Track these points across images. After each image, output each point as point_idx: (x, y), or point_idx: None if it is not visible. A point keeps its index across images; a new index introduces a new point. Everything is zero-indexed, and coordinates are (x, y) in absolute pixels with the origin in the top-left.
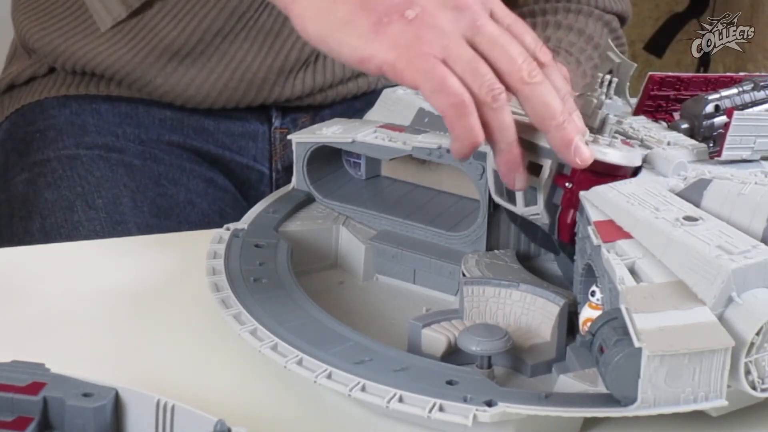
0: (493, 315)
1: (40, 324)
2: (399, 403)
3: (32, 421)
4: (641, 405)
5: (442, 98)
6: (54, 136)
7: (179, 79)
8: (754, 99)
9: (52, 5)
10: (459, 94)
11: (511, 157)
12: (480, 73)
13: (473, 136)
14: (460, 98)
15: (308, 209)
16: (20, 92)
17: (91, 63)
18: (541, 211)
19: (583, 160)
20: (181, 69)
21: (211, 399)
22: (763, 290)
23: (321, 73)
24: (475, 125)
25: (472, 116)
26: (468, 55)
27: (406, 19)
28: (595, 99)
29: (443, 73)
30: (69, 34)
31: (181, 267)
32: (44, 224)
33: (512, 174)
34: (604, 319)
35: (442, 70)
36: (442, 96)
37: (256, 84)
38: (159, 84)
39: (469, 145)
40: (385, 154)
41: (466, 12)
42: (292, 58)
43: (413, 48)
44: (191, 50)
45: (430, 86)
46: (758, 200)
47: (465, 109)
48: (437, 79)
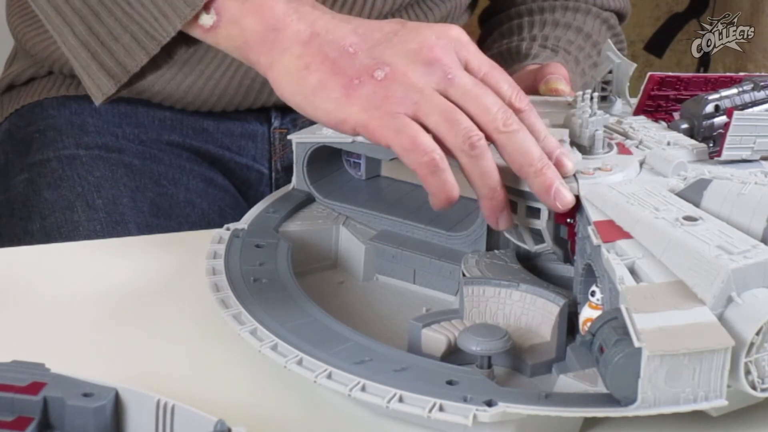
0: (493, 315)
1: (40, 324)
2: (399, 403)
3: (32, 421)
4: (641, 405)
5: (413, 156)
6: (54, 136)
7: (177, 86)
8: (754, 99)
9: None
10: (430, 152)
11: (495, 203)
12: (456, 121)
13: (447, 191)
14: (431, 156)
15: (308, 209)
16: (20, 92)
17: None
18: (551, 248)
19: (564, 205)
20: (180, 76)
21: (211, 399)
22: (763, 290)
23: None
24: (447, 181)
25: (445, 173)
26: (442, 105)
27: (376, 79)
28: (580, 119)
29: (414, 131)
30: None
31: (181, 267)
32: (44, 224)
33: (495, 216)
34: (604, 319)
35: (412, 129)
36: (413, 155)
37: (254, 89)
38: (157, 90)
39: (445, 200)
40: (385, 154)
41: (436, 66)
42: None
43: (384, 107)
44: (188, 56)
45: (401, 145)
46: (758, 200)
47: (436, 166)
48: (408, 138)
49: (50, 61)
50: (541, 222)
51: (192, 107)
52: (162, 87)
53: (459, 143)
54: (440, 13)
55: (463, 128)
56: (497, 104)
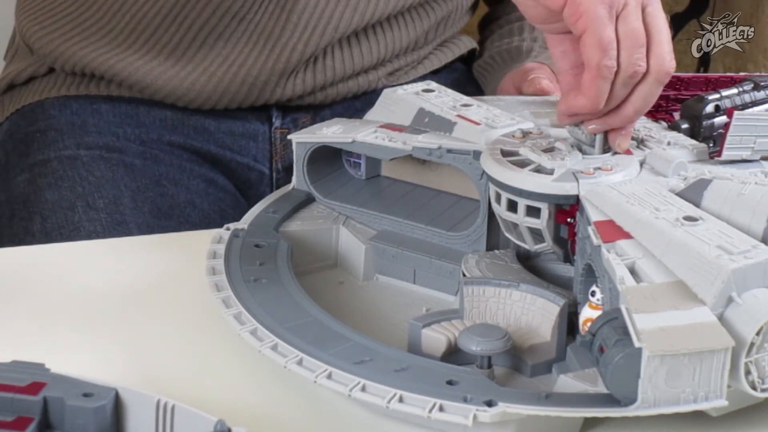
0: (493, 315)
1: (40, 324)
2: (399, 403)
3: (32, 421)
4: (641, 405)
5: (601, 55)
6: (54, 137)
7: (180, 83)
8: (754, 99)
9: (52, 6)
10: (615, 59)
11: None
12: (637, 45)
13: (600, 102)
14: (614, 63)
15: (308, 209)
16: (20, 92)
17: (91, 65)
18: (551, 247)
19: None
20: (183, 73)
21: (211, 399)
22: (763, 290)
23: (321, 71)
24: (606, 92)
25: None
26: (636, 23)
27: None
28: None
29: (612, 36)
30: (68, 35)
31: (181, 267)
32: (45, 225)
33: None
34: (604, 319)
35: (611, 32)
36: (603, 53)
37: (257, 86)
38: (160, 86)
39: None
40: (385, 154)
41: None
42: (293, 59)
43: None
44: (187, 48)
45: (599, 38)
46: (758, 200)
47: (611, 75)
48: (606, 39)
49: (54, 57)
50: (541, 222)
51: (194, 105)
52: (164, 83)
53: (626, 66)
54: (442, 13)
55: (637, 58)
56: (672, 54)
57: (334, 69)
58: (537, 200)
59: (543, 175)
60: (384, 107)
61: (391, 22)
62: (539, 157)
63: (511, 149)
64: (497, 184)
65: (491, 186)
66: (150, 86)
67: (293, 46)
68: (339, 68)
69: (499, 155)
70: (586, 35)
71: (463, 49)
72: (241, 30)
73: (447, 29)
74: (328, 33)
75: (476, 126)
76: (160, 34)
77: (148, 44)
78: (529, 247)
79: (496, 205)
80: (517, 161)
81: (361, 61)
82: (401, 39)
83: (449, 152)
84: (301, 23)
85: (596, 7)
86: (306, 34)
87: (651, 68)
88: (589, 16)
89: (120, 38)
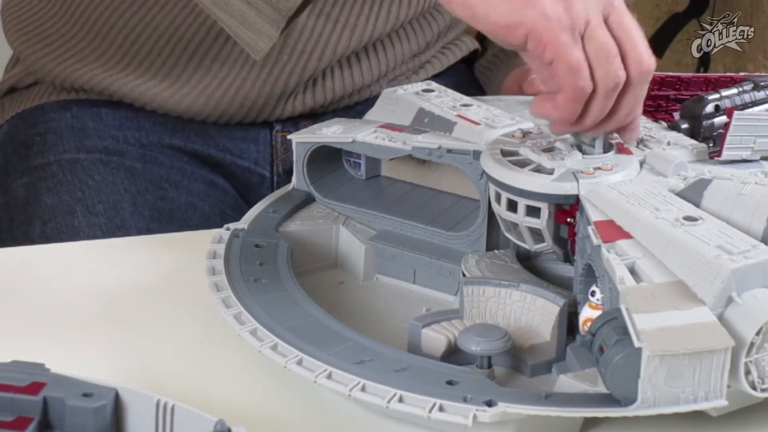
0: (493, 315)
1: (40, 324)
2: (399, 403)
3: (32, 421)
4: (641, 405)
5: (573, 78)
6: (54, 140)
7: (177, 103)
8: (754, 99)
9: (41, 22)
10: (587, 79)
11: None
12: (611, 57)
13: (570, 120)
14: (588, 83)
15: (308, 209)
16: (21, 96)
17: (86, 86)
18: (551, 247)
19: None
20: (179, 95)
21: (211, 399)
22: (763, 290)
23: (321, 92)
24: (577, 112)
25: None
26: (604, 37)
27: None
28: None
29: (580, 58)
30: (57, 53)
31: (181, 267)
32: (44, 229)
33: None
34: (604, 319)
35: (580, 54)
36: (575, 76)
37: (255, 108)
38: (158, 105)
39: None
40: (385, 154)
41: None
42: (291, 83)
43: (563, 21)
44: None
45: (568, 62)
46: (758, 200)
47: (585, 95)
48: (575, 63)
49: (43, 72)
50: (541, 221)
51: (196, 119)
52: (162, 102)
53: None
54: (444, 22)
55: (614, 70)
56: (649, 52)
57: (333, 89)
58: (537, 200)
59: (543, 174)
60: (384, 107)
61: (392, 38)
62: (539, 157)
63: (511, 149)
64: (497, 183)
65: (491, 186)
66: (148, 104)
67: (291, 70)
68: (339, 88)
69: (499, 155)
70: (555, 63)
71: (465, 50)
72: (237, 52)
73: (449, 34)
74: (326, 56)
75: (476, 126)
76: (155, 55)
77: (143, 65)
78: (529, 247)
79: (496, 205)
80: (517, 161)
81: (362, 80)
82: (402, 53)
83: (449, 152)
84: (298, 47)
85: (558, 36)
86: (304, 58)
87: (631, 73)
88: (553, 45)
89: (114, 59)
